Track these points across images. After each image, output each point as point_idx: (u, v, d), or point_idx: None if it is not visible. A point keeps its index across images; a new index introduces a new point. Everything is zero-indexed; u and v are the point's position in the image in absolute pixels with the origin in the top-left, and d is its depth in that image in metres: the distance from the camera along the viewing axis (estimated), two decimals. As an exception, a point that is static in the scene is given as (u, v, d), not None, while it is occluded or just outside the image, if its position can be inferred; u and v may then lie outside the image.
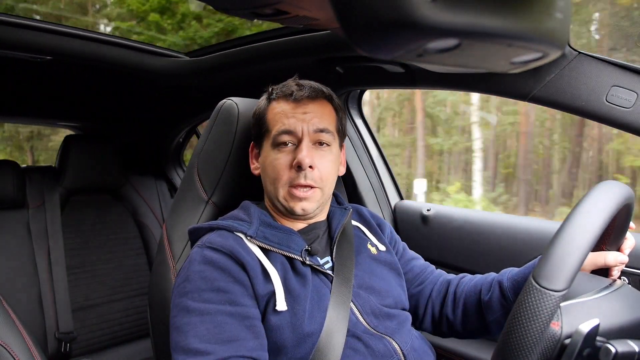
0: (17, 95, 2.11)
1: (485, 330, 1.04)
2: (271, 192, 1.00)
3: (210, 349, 0.79)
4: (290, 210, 0.97)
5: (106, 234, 2.18)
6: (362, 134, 1.75)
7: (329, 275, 0.97)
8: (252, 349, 0.81)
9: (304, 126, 0.96)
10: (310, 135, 0.97)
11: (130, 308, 2.11)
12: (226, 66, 1.65)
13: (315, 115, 0.98)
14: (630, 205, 0.77)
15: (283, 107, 0.99)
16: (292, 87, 1.00)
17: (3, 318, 1.03)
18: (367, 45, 0.35)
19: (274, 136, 0.97)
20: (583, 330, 0.63)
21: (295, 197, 0.96)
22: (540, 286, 0.61)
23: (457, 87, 1.25)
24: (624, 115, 0.95)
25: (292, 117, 0.97)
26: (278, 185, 0.97)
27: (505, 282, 1.00)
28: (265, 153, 1.01)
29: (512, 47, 0.37)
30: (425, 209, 1.61)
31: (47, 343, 1.83)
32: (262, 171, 1.02)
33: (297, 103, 0.98)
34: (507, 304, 0.98)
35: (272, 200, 1.01)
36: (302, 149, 0.95)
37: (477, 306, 1.04)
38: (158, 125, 2.42)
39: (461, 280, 1.11)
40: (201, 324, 0.82)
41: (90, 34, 1.55)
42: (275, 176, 0.97)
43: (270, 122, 1.00)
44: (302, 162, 0.93)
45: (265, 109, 1.02)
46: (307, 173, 0.95)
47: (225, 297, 0.84)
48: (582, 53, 1.00)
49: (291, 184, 0.95)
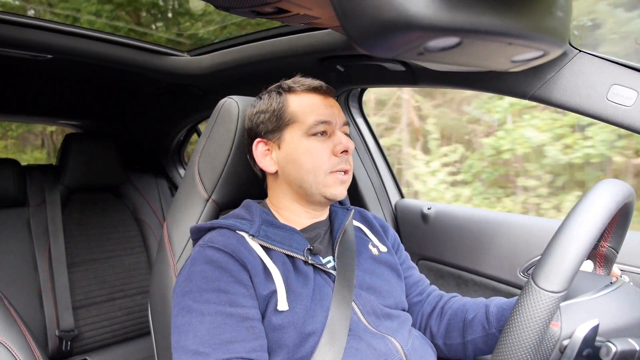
0: (18, 93, 2.11)
1: (462, 349, 1.04)
2: (308, 182, 0.98)
3: (209, 350, 0.79)
4: (332, 195, 0.99)
5: (107, 232, 2.18)
6: (362, 133, 1.75)
7: (332, 274, 0.97)
8: (251, 350, 0.81)
9: (336, 117, 1.00)
10: (340, 127, 1.01)
11: (131, 306, 2.11)
12: (227, 65, 1.65)
13: (338, 108, 1.03)
14: (631, 204, 0.77)
15: (312, 98, 1.01)
16: (314, 81, 1.03)
17: (3, 316, 1.03)
18: (367, 43, 0.35)
19: (310, 125, 0.97)
20: (582, 330, 0.63)
21: (338, 180, 0.98)
22: (539, 287, 0.61)
23: (457, 86, 1.25)
24: (625, 114, 0.95)
25: (325, 108, 1.00)
26: (320, 172, 0.97)
27: (491, 307, 1.00)
28: (293, 144, 0.99)
29: (512, 46, 0.37)
30: (426, 207, 1.62)
31: (47, 341, 1.84)
32: (289, 163, 0.99)
33: (325, 96, 1.02)
34: (488, 327, 0.98)
35: (308, 189, 0.99)
36: (341, 136, 0.99)
37: (459, 324, 1.04)
38: (159, 123, 2.42)
39: (451, 298, 1.13)
40: (201, 324, 0.82)
41: (91, 33, 1.56)
42: (317, 163, 0.97)
43: (298, 113, 0.99)
44: (349, 147, 0.98)
45: (285, 102, 1.01)
46: (346, 158, 1.00)
47: (226, 297, 0.84)
48: (582, 51, 1.00)
49: (334, 169, 0.98)
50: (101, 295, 2.05)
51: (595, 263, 0.91)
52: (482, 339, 0.99)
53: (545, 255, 0.64)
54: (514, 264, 1.33)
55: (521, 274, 1.32)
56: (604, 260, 0.90)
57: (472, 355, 1.03)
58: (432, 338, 1.10)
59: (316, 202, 1.02)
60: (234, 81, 1.78)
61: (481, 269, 1.42)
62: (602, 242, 0.89)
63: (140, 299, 2.14)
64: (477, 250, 1.44)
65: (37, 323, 1.84)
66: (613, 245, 0.88)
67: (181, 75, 1.80)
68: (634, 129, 0.95)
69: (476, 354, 1.02)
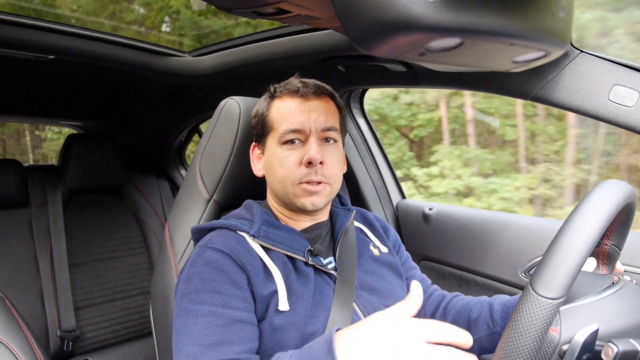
0: (19, 94, 2.12)
1: (467, 348, 1.04)
2: (279, 191, 0.98)
3: (198, 352, 0.79)
4: (302, 206, 0.96)
5: (108, 232, 2.18)
6: (364, 133, 1.75)
7: (332, 275, 0.97)
8: (241, 352, 0.81)
9: (312, 123, 0.96)
10: (318, 133, 0.97)
11: (133, 307, 2.11)
12: (228, 65, 1.65)
13: (321, 112, 0.98)
14: (632, 204, 0.77)
15: (289, 104, 0.98)
16: (297, 84, 0.99)
17: (5, 316, 1.04)
18: (368, 44, 0.35)
19: (281, 134, 0.96)
20: (581, 336, 0.63)
21: (307, 191, 0.95)
22: (538, 294, 0.60)
23: (459, 86, 1.25)
24: (626, 114, 0.95)
25: (299, 115, 0.96)
26: (288, 182, 0.95)
27: (495, 305, 1.00)
28: (270, 152, 0.99)
29: (514, 46, 0.37)
30: (427, 207, 1.61)
31: (49, 341, 1.84)
32: (268, 170, 1.01)
33: (304, 99, 0.98)
34: (493, 326, 0.98)
35: (281, 198, 1.00)
36: (312, 146, 0.94)
37: (464, 323, 1.04)
38: (160, 124, 2.43)
39: (454, 297, 1.12)
40: (194, 325, 0.82)
41: (93, 33, 1.56)
42: (284, 173, 0.95)
43: (275, 120, 0.98)
44: (314, 158, 0.93)
45: (268, 108, 1.01)
46: (318, 169, 0.95)
47: (220, 298, 0.84)
48: (584, 52, 1.00)
49: (301, 180, 0.95)
50: (103, 295, 2.05)
51: (598, 261, 0.91)
52: (487, 338, 0.99)
53: (543, 261, 0.64)
54: (516, 264, 1.33)
55: (522, 274, 1.32)
56: (607, 258, 0.90)
57: (477, 354, 1.03)
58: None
59: (295, 210, 1.00)
60: (235, 82, 1.78)
61: (483, 269, 1.42)
62: (605, 240, 0.88)
63: (142, 300, 2.15)
64: (478, 250, 1.44)
65: (39, 323, 1.84)
66: (616, 243, 0.87)
67: (183, 75, 1.80)
68: (635, 129, 0.95)
69: (481, 353, 1.02)
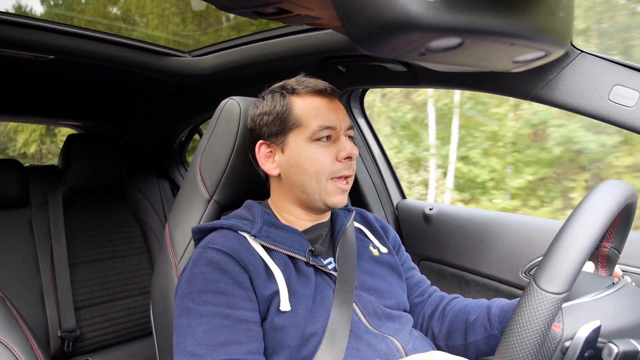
0: (20, 94, 2.12)
1: (464, 351, 1.04)
2: (309, 187, 0.97)
3: (205, 352, 0.79)
4: (332, 204, 0.98)
5: (108, 232, 2.18)
6: (364, 133, 1.76)
7: (333, 275, 0.97)
8: (247, 353, 0.81)
9: (340, 122, 0.98)
10: (344, 131, 1.00)
11: (133, 307, 2.11)
12: (228, 65, 1.65)
13: (342, 111, 1.01)
14: (633, 205, 0.77)
15: (316, 102, 0.98)
16: (319, 83, 1.00)
17: (6, 317, 1.04)
18: (369, 44, 0.35)
19: (314, 131, 0.96)
20: (584, 332, 0.63)
21: (339, 189, 0.98)
22: (541, 289, 0.61)
23: (459, 86, 1.25)
24: (627, 114, 0.95)
25: (329, 113, 0.98)
26: (322, 177, 0.96)
27: (493, 308, 1.00)
28: (297, 149, 0.97)
29: (514, 46, 0.37)
30: (428, 207, 1.61)
31: (49, 342, 1.84)
32: (292, 167, 0.98)
33: (330, 99, 1.00)
34: (490, 329, 0.98)
35: (309, 194, 0.98)
36: (346, 142, 0.98)
37: (461, 325, 1.04)
38: (160, 124, 2.43)
39: (453, 299, 1.12)
40: (199, 325, 0.82)
41: (93, 33, 1.56)
42: (319, 169, 0.96)
43: (302, 117, 0.97)
44: (353, 153, 0.97)
45: (290, 104, 0.98)
46: (351, 164, 0.99)
47: (224, 299, 0.84)
48: (584, 52, 1.00)
49: (337, 174, 0.97)
50: (103, 295, 2.05)
51: (597, 264, 0.91)
52: (484, 341, 0.99)
53: (547, 256, 0.64)
54: (516, 265, 1.33)
55: (523, 274, 1.32)
56: (606, 261, 0.90)
57: (474, 357, 1.03)
58: (434, 339, 1.10)
59: (317, 208, 1.01)
60: (235, 82, 1.78)
61: (483, 269, 1.42)
62: (604, 243, 0.88)
63: (142, 300, 2.15)
64: (478, 250, 1.44)
65: (39, 323, 1.84)
66: (615, 246, 0.88)
67: (183, 75, 1.80)
68: (636, 129, 0.95)
69: (478, 355, 1.02)
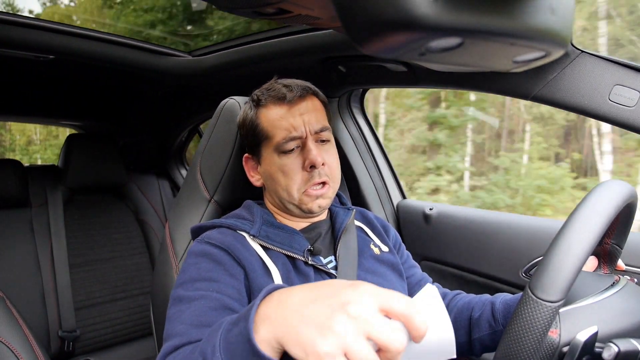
0: (20, 94, 2.12)
1: (469, 347, 1.04)
2: (284, 198, 0.98)
3: (185, 331, 0.77)
4: (309, 210, 0.98)
5: (109, 232, 2.18)
6: (364, 133, 1.75)
7: (332, 274, 0.97)
8: None
9: (305, 127, 0.96)
10: (312, 135, 0.97)
11: (133, 307, 2.12)
12: (229, 65, 1.65)
13: (311, 113, 0.98)
14: (633, 204, 0.77)
15: (278, 112, 0.97)
16: (282, 89, 0.98)
17: (6, 317, 1.04)
18: (369, 44, 0.35)
19: (278, 144, 0.95)
20: (581, 338, 0.62)
21: (312, 196, 0.96)
22: (537, 297, 0.60)
23: (459, 86, 1.25)
24: (627, 114, 0.95)
25: (292, 121, 0.95)
26: (292, 189, 0.96)
27: (497, 304, 0.99)
28: (268, 161, 0.99)
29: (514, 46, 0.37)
30: (428, 207, 1.61)
31: (50, 342, 1.84)
32: (268, 179, 1.01)
33: (292, 105, 0.97)
34: (495, 325, 0.98)
35: (285, 204, 1.00)
36: (311, 149, 0.95)
37: (466, 322, 1.04)
38: (161, 124, 2.43)
39: (456, 295, 1.12)
40: (187, 309, 0.81)
41: (94, 33, 1.56)
42: (288, 181, 0.96)
43: (267, 129, 0.97)
44: (316, 161, 0.94)
45: (257, 117, 0.99)
46: (320, 171, 0.96)
47: (215, 285, 0.84)
48: (584, 52, 1.00)
49: (306, 185, 0.95)
50: (103, 295, 2.05)
51: (599, 260, 0.91)
52: (489, 337, 0.99)
53: (542, 264, 0.63)
54: (516, 265, 1.33)
55: (523, 274, 1.32)
56: (608, 257, 0.89)
57: (480, 353, 1.02)
58: None
59: (299, 215, 1.01)
60: (235, 81, 1.78)
61: (483, 269, 1.42)
62: (606, 239, 0.88)
63: (142, 300, 2.15)
64: (479, 250, 1.43)
65: (40, 324, 1.84)
66: (617, 242, 0.87)
67: (183, 75, 1.80)
68: (636, 129, 0.95)
69: (484, 351, 1.02)
